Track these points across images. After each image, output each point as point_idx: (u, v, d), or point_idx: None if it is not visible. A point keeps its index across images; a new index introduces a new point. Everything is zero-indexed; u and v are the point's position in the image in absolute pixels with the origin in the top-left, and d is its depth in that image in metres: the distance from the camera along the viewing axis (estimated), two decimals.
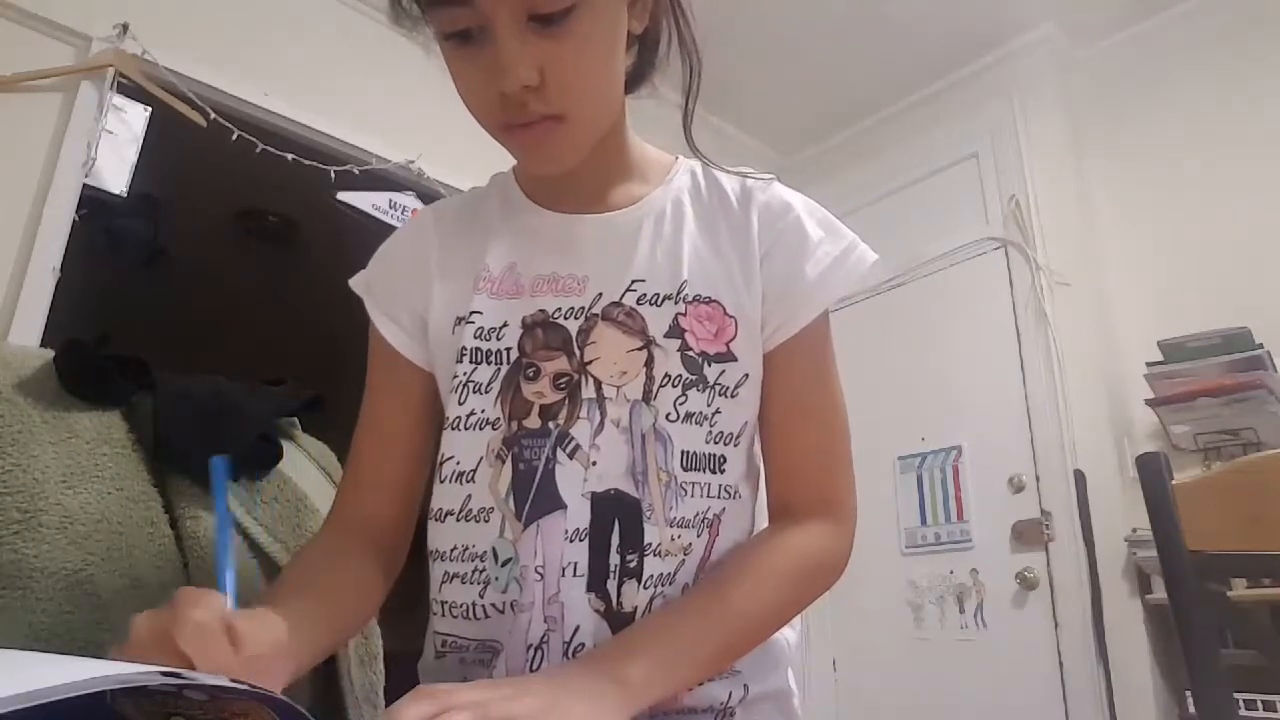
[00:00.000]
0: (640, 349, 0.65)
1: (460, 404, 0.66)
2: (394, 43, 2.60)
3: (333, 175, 2.21)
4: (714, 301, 0.66)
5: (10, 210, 1.74)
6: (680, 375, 0.64)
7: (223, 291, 3.59)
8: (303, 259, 3.47)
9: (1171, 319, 2.36)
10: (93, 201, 1.85)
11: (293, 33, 2.24)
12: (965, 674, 2.48)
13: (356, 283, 0.76)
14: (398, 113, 2.37)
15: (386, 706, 0.90)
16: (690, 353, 0.65)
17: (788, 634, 0.72)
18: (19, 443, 0.74)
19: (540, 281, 0.68)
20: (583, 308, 0.66)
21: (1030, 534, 2.43)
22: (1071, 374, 2.46)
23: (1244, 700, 1.81)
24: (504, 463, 0.64)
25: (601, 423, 0.63)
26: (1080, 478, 2.36)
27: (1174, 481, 0.88)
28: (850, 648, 2.74)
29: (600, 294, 0.67)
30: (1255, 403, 2.15)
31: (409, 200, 2.32)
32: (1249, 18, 2.50)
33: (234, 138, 2.03)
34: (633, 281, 0.67)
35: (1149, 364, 2.34)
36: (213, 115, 2.00)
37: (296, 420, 1.06)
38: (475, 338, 0.67)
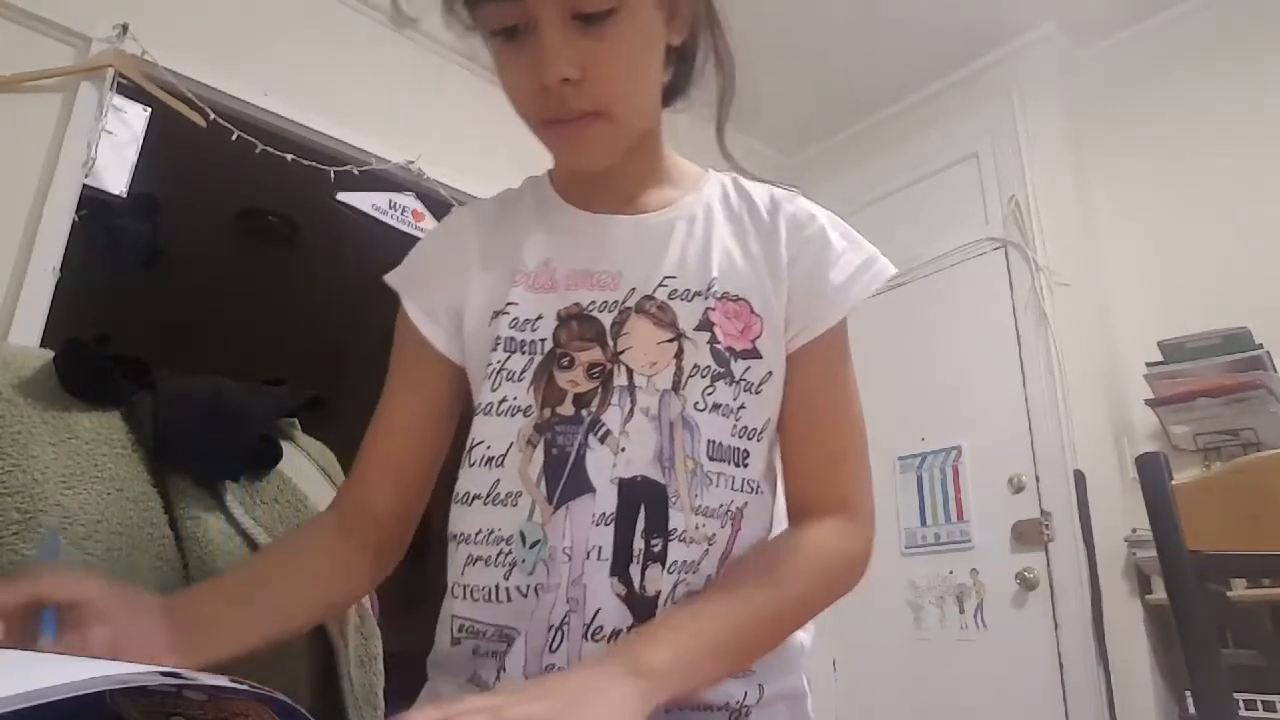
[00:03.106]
0: (671, 341, 0.67)
1: (493, 390, 0.68)
2: (394, 43, 2.61)
3: (332, 175, 2.21)
4: (742, 300, 0.69)
5: (10, 210, 1.73)
6: (709, 367, 0.66)
7: (223, 291, 3.59)
8: (303, 259, 3.48)
9: (1171, 319, 2.36)
10: (93, 201, 1.85)
11: (293, 33, 2.23)
12: (965, 674, 2.48)
13: (392, 278, 0.78)
14: (398, 113, 2.37)
15: (386, 707, 0.90)
16: (718, 345, 0.67)
17: (802, 636, 0.73)
18: (19, 443, 0.74)
19: (575, 276, 0.70)
20: (616, 301, 0.69)
21: (1030, 534, 2.43)
22: (1071, 374, 2.45)
23: (1244, 700, 1.81)
24: (535, 448, 0.65)
25: (631, 410, 0.65)
26: (1080, 478, 2.36)
27: (1174, 481, 0.88)
28: (850, 648, 2.75)
29: (633, 289, 0.69)
30: (1255, 403, 2.15)
31: (409, 200, 2.32)
32: (1249, 18, 2.51)
33: (234, 138, 2.03)
34: (664, 278, 0.69)
35: (1149, 364, 2.34)
36: (212, 115, 2.00)
37: (296, 420, 1.06)
38: (510, 328, 0.69)
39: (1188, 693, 1.92)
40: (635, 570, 0.62)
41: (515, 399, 0.67)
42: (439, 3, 0.70)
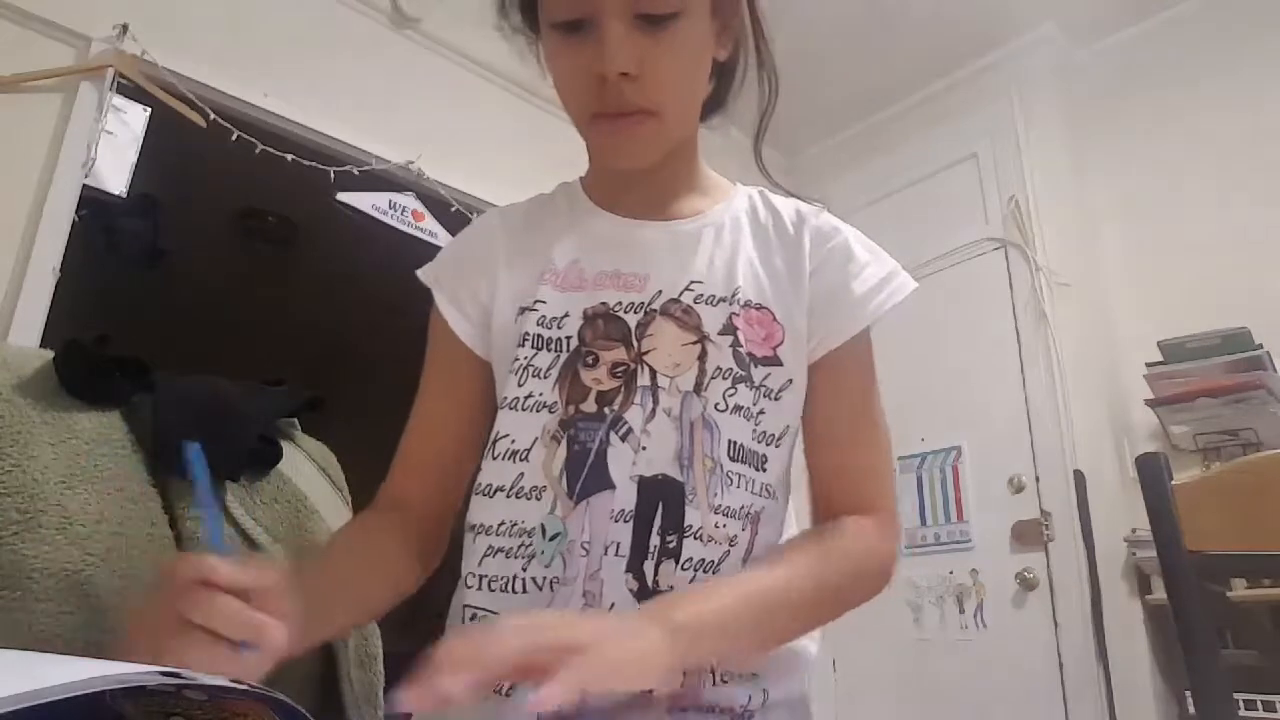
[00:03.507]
0: (695, 343, 0.68)
1: (519, 385, 0.69)
2: (394, 43, 2.61)
3: (332, 176, 2.21)
4: (765, 308, 0.70)
5: (10, 210, 1.73)
6: (731, 369, 0.67)
7: (223, 291, 3.59)
8: (303, 259, 3.47)
9: (1171, 319, 2.36)
10: (93, 201, 1.85)
11: (293, 33, 2.23)
12: (965, 674, 2.47)
13: (425, 274, 0.79)
14: (398, 113, 2.37)
15: (386, 707, 0.90)
16: (740, 350, 0.68)
17: (808, 644, 0.73)
18: (19, 443, 0.74)
19: (603, 277, 0.72)
20: (642, 303, 0.70)
21: (1030, 534, 2.43)
22: (1071, 374, 2.45)
23: (1244, 700, 1.81)
24: (559, 444, 0.67)
25: (654, 410, 0.66)
26: (1080, 478, 2.36)
27: (1174, 482, 0.88)
28: (850, 648, 2.74)
29: (660, 291, 0.70)
30: (1255, 403, 2.15)
31: (409, 201, 2.32)
32: (1249, 18, 2.51)
33: (234, 138, 2.03)
34: (691, 282, 0.71)
35: (1149, 364, 2.34)
36: (212, 115, 2.00)
37: (296, 420, 1.06)
38: (538, 325, 0.70)
39: (1188, 693, 1.92)
40: (649, 566, 0.63)
41: (540, 395, 0.68)
42: (439, 2, 0.71)
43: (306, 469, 0.99)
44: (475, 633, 0.46)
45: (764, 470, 0.68)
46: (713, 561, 0.64)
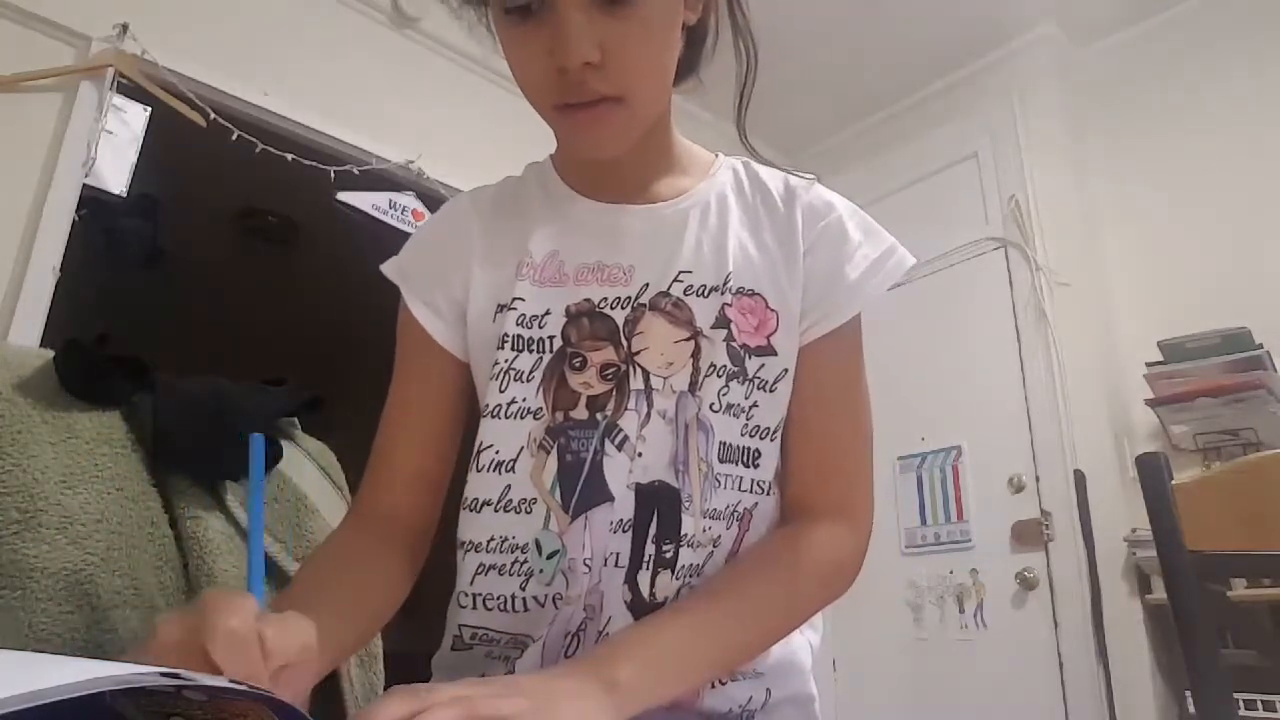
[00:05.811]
0: (688, 340, 0.64)
1: (501, 391, 0.65)
2: (394, 43, 2.61)
3: (332, 175, 2.21)
4: (757, 294, 0.66)
5: (10, 210, 1.74)
6: (725, 366, 0.64)
7: (223, 291, 3.59)
8: (303, 259, 3.48)
9: (1171, 319, 2.36)
10: (93, 201, 1.85)
11: (293, 33, 2.24)
12: (965, 674, 2.48)
13: (390, 268, 0.74)
14: (398, 113, 2.37)
15: None
16: (734, 344, 0.64)
17: (811, 637, 0.72)
18: (19, 443, 0.74)
19: (584, 270, 0.67)
20: (629, 298, 0.66)
21: (1030, 534, 2.43)
22: (1071, 374, 2.46)
23: (1244, 700, 1.81)
24: (548, 453, 0.63)
25: (648, 414, 0.63)
26: (1080, 478, 2.36)
27: (1174, 481, 0.88)
28: (850, 648, 2.74)
29: (647, 284, 0.66)
30: (1255, 403, 2.15)
31: (409, 200, 2.32)
32: (1249, 18, 2.51)
33: (234, 138, 2.03)
34: (679, 273, 0.66)
35: (1149, 364, 2.34)
36: (212, 115, 2.00)
37: (296, 420, 1.06)
38: (517, 325, 0.66)
39: (1188, 693, 1.92)
40: (644, 577, 0.61)
41: (524, 400, 0.64)
42: (439, 2, 0.67)
43: (307, 469, 0.99)
44: (410, 700, 0.42)
45: (755, 466, 0.65)
46: (698, 565, 0.62)
